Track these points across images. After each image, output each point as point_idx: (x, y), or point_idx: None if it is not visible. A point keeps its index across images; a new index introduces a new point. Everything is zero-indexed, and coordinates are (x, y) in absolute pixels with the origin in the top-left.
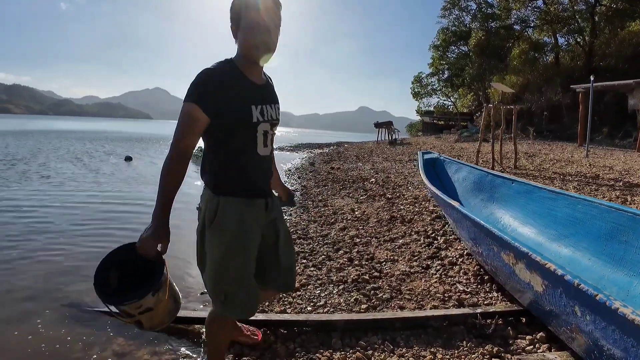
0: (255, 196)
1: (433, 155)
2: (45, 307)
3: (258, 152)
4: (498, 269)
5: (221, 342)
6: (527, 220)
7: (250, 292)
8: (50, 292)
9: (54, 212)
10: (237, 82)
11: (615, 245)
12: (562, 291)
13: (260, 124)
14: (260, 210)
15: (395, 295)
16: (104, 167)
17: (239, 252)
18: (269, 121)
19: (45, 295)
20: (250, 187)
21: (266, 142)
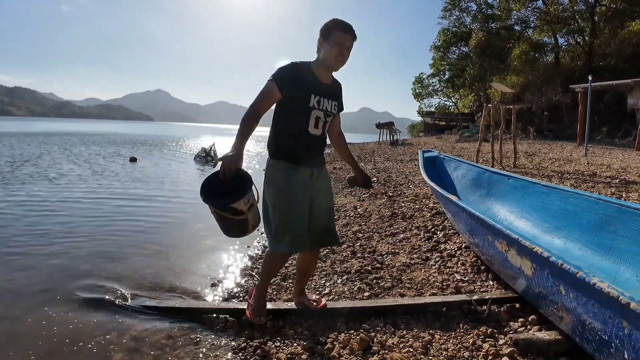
0: (299, 164)
1: (433, 153)
2: (60, 296)
3: (309, 131)
4: (493, 257)
5: (269, 271)
6: (523, 214)
7: (295, 234)
8: (65, 283)
9: (67, 210)
10: (308, 77)
11: (604, 235)
12: (548, 272)
13: (315, 110)
14: (305, 176)
15: (396, 284)
16: (111, 168)
17: (286, 200)
18: (322, 110)
19: (60, 285)
20: (296, 156)
21: (317, 125)
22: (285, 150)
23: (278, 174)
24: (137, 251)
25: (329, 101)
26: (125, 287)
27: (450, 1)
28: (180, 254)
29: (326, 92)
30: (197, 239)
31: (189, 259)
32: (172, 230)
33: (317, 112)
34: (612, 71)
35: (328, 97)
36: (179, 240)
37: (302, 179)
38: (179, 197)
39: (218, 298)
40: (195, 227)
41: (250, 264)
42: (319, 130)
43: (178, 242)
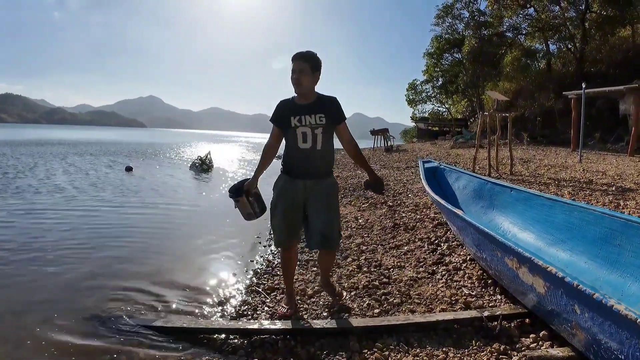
0: (293, 177)
1: (433, 164)
2: (61, 316)
3: (298, 146)
4: (502, 273)
5: (283, 267)
6: (526, 226)
7: (279, 232)
8: (65, 302)
9: (65, 225)
10: (288, 105)
11: (610, 249)
12: (562, 292)
13: (298, 127)
14: (297, 187)
15: (405, 300)
16: (106, 178)
17: (278, 204)
18: (307, 125)
19: (61, 305)
20: (290, 170)
21: (305, 139)
22: (284, 166)
23: (276, 185)
24: (139, 267)
25: (312, 115)
26: (130, 306)
27: (443, 8)
28: (184, 269)
29: (306, 110)
30: (200, 253)
31: (193, 274)
32: (174, 243)
33: (302, 129)
34: (603, 77)
35: (309, 113)
36: (182, 254)
37: (293, 188)
38: (178, 208)
39: (226, 316)
40: (198, 240)
41: (256, 279)
42: (308, 143)
43: (181, 256)
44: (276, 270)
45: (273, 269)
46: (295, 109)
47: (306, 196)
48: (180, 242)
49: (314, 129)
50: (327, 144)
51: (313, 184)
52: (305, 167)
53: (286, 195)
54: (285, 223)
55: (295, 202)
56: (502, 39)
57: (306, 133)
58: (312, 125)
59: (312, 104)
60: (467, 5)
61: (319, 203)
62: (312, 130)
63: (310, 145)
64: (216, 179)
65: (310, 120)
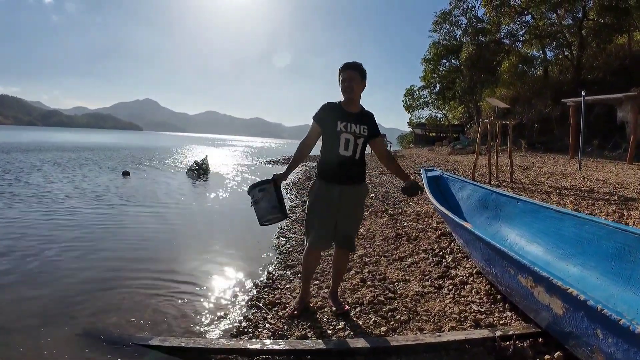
0: (331, 181)
1: (436, 172)
2: (53, 333)
3: (339, 152)
4: (513, 290)
5: (307, 266)
6: (534, 239)
7: (316, 233)
8: (57, 317)
9: (59, 233)
10: (335, 109)
11: (623, 265)
12: (584, 315)
13: (343, 133)
14: (333, 192)
15: (413, 317)
16: (104, 184)
17: (314, 207)
18: (351, 133)
19: (52, 320)
20: (326, 175)
21: (347, 146)
22: (320, 171)
23: (313, 188)
24: (134, 279)
25: (357, 125)
26: (124, 322)
27: (441, 15)
28: (181, 281)
29: (352, 119)
30: (198, 264)
31: (191, 287)
32: (171, 254)
33: (346, 135)
34: (600, 84)
35: (355, 122)
36: (179, 265)
37: (329, 195)
38: (175, 215)
39: (226, 334)
40: (195, 250)
41: (256, 293)
42: (349, 151)
43: (178, 267)
44: (277, 283)
45: (274, 282)
46: (343, 115)
47: (340, 201)
48: (177, 253)
49: (357, 137)
50: (363, 154)
51: (348, 189)
52: (343, 173)
53: (322, 200)
54: (321, 226)
55: (331, 207)
56: (499, 46)
57: (349, 140)
58: (356, 134)
59: (358, 113)
60: (465, 12)
61: (350, 208)
62: (355, 138)
63: (350, 153)
64: (213, 184)
65: (355, 129)
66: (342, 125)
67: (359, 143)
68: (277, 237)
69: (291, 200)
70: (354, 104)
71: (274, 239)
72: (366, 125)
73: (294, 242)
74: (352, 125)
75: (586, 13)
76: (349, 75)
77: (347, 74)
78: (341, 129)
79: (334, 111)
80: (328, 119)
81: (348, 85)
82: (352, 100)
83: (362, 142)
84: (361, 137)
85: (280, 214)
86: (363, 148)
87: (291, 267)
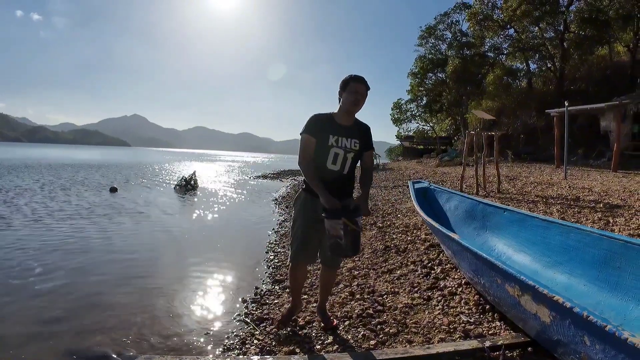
0: (316, 196)
1: (423, 184)
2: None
3: (327, 166)
4: (501, 299)
5: (293, 281)
6: (521, 248)
7: (297, 249)
8: (42, 337)
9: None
10: (326, 122)
11: (610, 272)
12: (570, 322)
13: (333, 148)
14: (319, 205)
15: (402, 330)
16: (90, 200)
17: (298, 221)
18: (342, 148)
19: (38, 340)
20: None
21: (336, 161)
22: (307, 184)
23: (298, 202)
24: (120, 297)
25: (349, 139)
26: (109, 340)
27: (426, 30)
28: (168, 297)
29: (345, 132)
30: (185, 280)
31: (178, 303)
32: (158, 270)
33: (336, 150)
34: (583, 94)
35: (347, 136)
36: (165, 281)
37: (314, 209)
38: (162, 231)
39: (212, 350)
40: (182, 266)
41: (244, 309)
42: (337, 166)
43: (164, 283)
44: (265, 298)
45: (262, 297)
46: (335, 128)
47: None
48: (163, 269)
49: (347, 152)
50: (353, 168)
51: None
52: (329, 188)
53: (306, 214)
54: (304, 240)
55: (316, 222)
56: (484, 59)
57: (338, 155)
58: (346, 149)
59: (351, 127)
60: (450, 27)
61: None
62: (345, 153)
63: (338, 168)
64: (201, 200)
65: (346, 144)
66: (334, 139)
67: (349, 157)
68: (266, 251)
69: (280, 214)
70: (350, 117)
71: (263, 254)
72: (358, 139)
73: (282, 256)
74: (343, 139)
75: (567, 26)
76: (361, 89)
77: (359, 88)
78: (332, 143)
79: (326, 124)
80: (320, 132)
81: (357, 100)
82: (351, 115)
83: (352, 156)
84: (352, 151)
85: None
86: (353, 163)
87: (279, 281)
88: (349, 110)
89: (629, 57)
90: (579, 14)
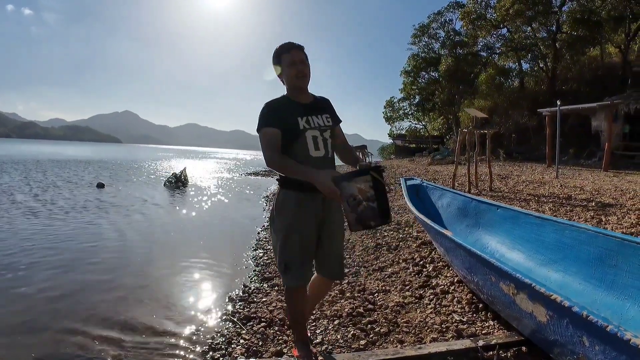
0: (306, 190)
1: (416, 181)
2: None
3: (311, 155)
4: (495, 298)
5: (294, 311)
6: (515, 246)
7: (302, 267)
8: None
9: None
10: (286, 104)
11: (605, 270)
12: (568, 322)
13: (308, 130)
14: (317, 202)
15: (393, 329)
16: (75, 196)
17: (295, 232)
18: (316, 127)
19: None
20: (302, 183)
21: (317, 145)
22: (289, 181)
23: (288, 205)
24: (102, 295)
25: (319, 116)
26: (90, 341)
27: (420, 28)
28: (152, 297)
29: (311, 110)
30: (170, 277)
31: (163, 302)
32: (142, 267)
33: (312, 132)
34: (574, 94)
35: (315, 113)
36: (150, 279)
37: (308, 209)
38: (149, 227)
39: (197, 351)
40: (168, 263)
41: (231, 307)
42: (321, 150)
43: (149, 281)
44: (253, 296)
45: (250, 295)
46: (300, 109)
47: (324, 214)
48: (148, 266)
49: (323, 131)
50: (333, 150)
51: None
52: None
53: (302, 218)
54: (303, 254)
55: (315, 224)
56: (477, 58)
57: (317, 137)
58: (321, 127)
59: (313, 102)
60: (443, 26)
61: (336, 223)
62: (321, 133)
63: (323, 153)
64: (191, 196)
65: (318, 122)
66: (304, 121)
67: (327, 137)
68: (255, 249)
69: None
70: (305, 92)
71: (251, 251)
72: (327, 113)
73: (272, 253)
74: (313, 118)
75: (560, 26)
76: (298, 56)
77: (296, 56)
78: (304, 126)
79: (286, 107)
80: (285, 119)
81: (301, 70)
82: (304, 89)
83: (329, 135)
84: (327, 128)
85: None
86: (332, 142)
87: (268, 279)
88: (299, 86)
89: (620, 58)
90: (571, 14)
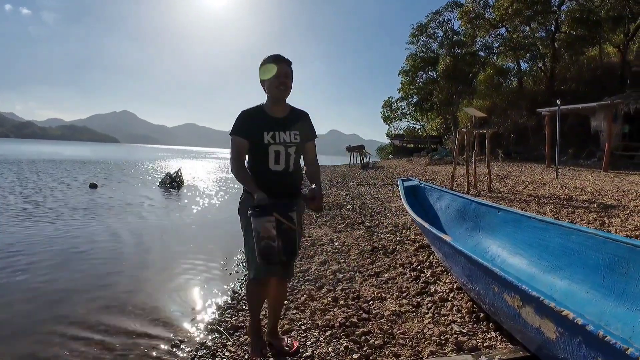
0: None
1: (413, 182)
2: None
3: (270, 168)
4: (498, 309)
5: (249, 302)
6: (517, 251)
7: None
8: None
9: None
10: (258, 116)
11: (615, 278)
12: (581, 341)
13: (272, 145)
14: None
15: (388, 341)
16: (66, 196)
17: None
18: (281, 143)
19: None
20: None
21: (278, 159)
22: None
23: (245, 206)
24: (83, 300)
25: (287, 132)
26: (67, 352)
27: (418, 28)
28: (135, 304)
29: (280, 125)
30: (156, 282)
31: (147, 310)
32: (127, 271)
33: (276, 147)
34: (573, 94)
35: (284, 129)
36: (135, 284)
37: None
38: (138, 229)
39: None
40: (155, 267)
41: (218, 316)
42: (281, 165)
43: (133, 287)
44: (242, 304)
45: (238, 303)
46: (269, 123)
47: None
48: (134, 270)
49: (288, 147)
50: (298, 164)
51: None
52: (276, 190)
53: None
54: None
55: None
56: (475, 58)
57: (279, 152)
58: (286, 143)
59: (286, 117)
60: (441, 25)
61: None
62: (286, 149)
63: (283, 167)
64: (185, 197)
65: (285, 138)
66: (270, 136)
67: (292, 153)
68: None
69: None
70: (282, 105)
71: (243, 255)
72: (297, 130)
73: None
74: (280, 134)
75: (559, 26)
76: (284, 69)
77: (283, 69)
78: (268, 140)
79: (256, 120)
80: (253, 131)
81: (284, 82)
82: (282, 101)
83: (294, 150)
84: (293, 145)
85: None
86: (298, 157)
87: None
88: (278, 98)
89: (619, 58)
90: (570, 14)
